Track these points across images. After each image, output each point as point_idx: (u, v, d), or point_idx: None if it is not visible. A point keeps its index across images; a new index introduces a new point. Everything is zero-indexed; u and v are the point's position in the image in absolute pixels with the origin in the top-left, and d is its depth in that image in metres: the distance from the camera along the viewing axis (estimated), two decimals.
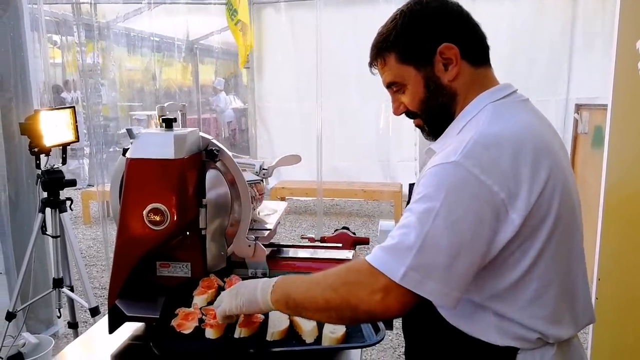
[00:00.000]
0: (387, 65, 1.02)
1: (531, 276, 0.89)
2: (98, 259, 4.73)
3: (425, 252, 0.84)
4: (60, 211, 2.21)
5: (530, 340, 0.92)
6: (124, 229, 1.23)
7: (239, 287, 1.04)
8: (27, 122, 2.03)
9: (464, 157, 0.85)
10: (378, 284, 0.85)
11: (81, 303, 2.29)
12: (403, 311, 0.89)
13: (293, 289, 0.96)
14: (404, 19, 0.99)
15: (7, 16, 2.72)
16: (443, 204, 0.84)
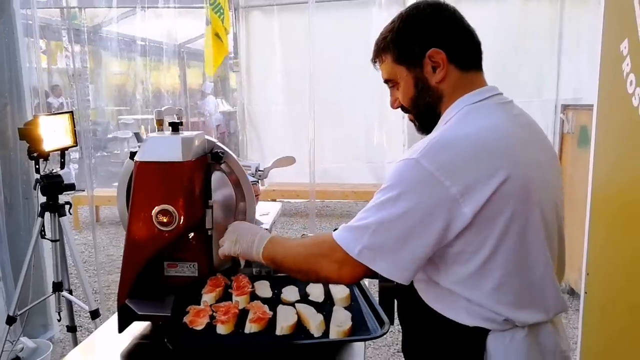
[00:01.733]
0: (384, 64, 1.13)
1: (489, 267, 0.99)
2: (90, 264, 4.72)
3: (379, 234, 0.98)
4: (59, 215, 2.23)
5: (498, 322, 1.01)
6: (133, 230, 1.26)
7: (239, 234, 1.23)
8: (26, 127, 2.05)
9: (422, 155, 0.96)
10: (336, 256, 1.02)
11: (81, 306, 2.30)
12: (354, 280, 1.08)
13: (278, 251, 1.15)
14: (400, 23, 1.10)
15: (1, 22, 2.73)
16: (400, 195, 0.97)
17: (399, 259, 0.97)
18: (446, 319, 1.04)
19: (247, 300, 1.21)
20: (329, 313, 1.17)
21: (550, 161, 1.11)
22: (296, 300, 1.23)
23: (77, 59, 7.99)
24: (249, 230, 1.23)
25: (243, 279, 1.30)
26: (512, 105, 1.10)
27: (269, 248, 1.15)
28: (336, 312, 1.17)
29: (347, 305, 1.23)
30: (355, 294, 1.29)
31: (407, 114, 1.17)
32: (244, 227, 1.27)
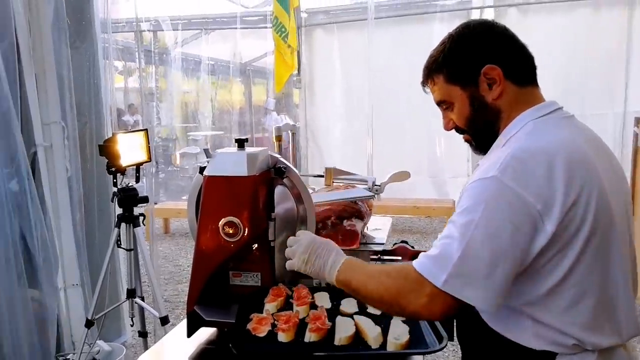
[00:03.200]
0: (437, 85, 1.12)
1: (567, 284, 0.95)
2: (160, 273, 4.94)
3: (465, 260, 0.92)
4: (134, 226, 2.38)
5: (566, 345, 0.96)
6: (201, 241, 1.34)
7: (311, 254, 1.13)
8: (105, 144, 2.22)
9: (501, 172, 0.93)
10: (424, 290, 0.95)
11: (152, 312, 2.43)
12: (445, 315, 0.97)
13: (355, 277, 1.07)
14: (452, 42, 1.10)
15: (84, 47, 2.96)
16: (482, 216, 0.92)
17: (490, 284, 0.92)
18: (509, 342, 1.01)
19: (307, 310, 1.25)
20: (387, 326, 1.19)
21: (619, 175, 1.08)
22: (354, 312, 1.26)
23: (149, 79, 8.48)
24: (321, 248, 1.14)
25: (303, 290, 1.34)
26: (574, 119, 1.08)
27: (344, 274, 1.08)
28: (394, 325, 1.18)
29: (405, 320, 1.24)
30: None
31: (462, 135, 1.16)
32: (316, 242, 1.16)
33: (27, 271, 2.55)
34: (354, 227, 1.69)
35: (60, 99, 2.82)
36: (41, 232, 2.61)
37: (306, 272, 1.15)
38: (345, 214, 1.70)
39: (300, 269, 1.15)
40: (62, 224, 2.90)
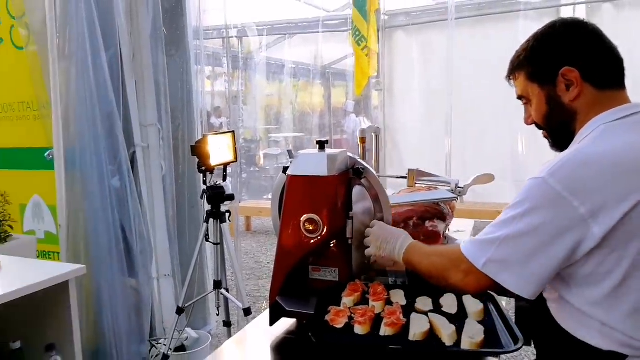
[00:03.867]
0: (518, 81, 1.18)
1: (627, 288, 0.95)
2: (242, 269, 5.17)
3: (505, 248, 1.03)
4: (221, 222, 2.54)
5: (635, 347, 0.96)
6: (283, 237, 1.42)
7: (382, 241, 1.35)
8: (197, 145, 2.39)
9: (550, 174, 0.98)
10: (461, 267, 1.12)
11: (236, 303, 2.57)
12: (478, 290, 1.14)
13: (415, 256, 1.28)
14: (535, 41, 1.13)
15: (179, 55, 3.19)
16: (527, 213, 1.00)
17: (524, 273, 1.01)
18: (579, 341, 1.02)
19: (382, 305, 1.29)
20: (462, 325, 1.20)
21: None
22: (429, 310, 1.29)
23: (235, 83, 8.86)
24: (391, 234, 1.35)
25: (379, 287, 1.38)
26: None
27: (409, 252, 1.28)
28: (469, 325, 1.20)
29: (481, 320, 1.25)
30: (490, 309, 1.30)
31: (541, 131, 1.19)
32: (386, 231, 1.38)
33: (126, 261, 2.80)
34: (436, 228, 1.72)
35: (157, 103, 3.06)
36: (139, 226, 2.84)
37: (380, 256, 1.36)
38: (427, 215, 1.73)
39: (376, 254, 1.36)
40: (157, 219, 3.14)
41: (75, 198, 2.66)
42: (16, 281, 1.65)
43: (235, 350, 1.53)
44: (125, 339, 2.75)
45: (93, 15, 2.55)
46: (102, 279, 2.68)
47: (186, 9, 3.25)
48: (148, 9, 2.92)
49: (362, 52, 6.21)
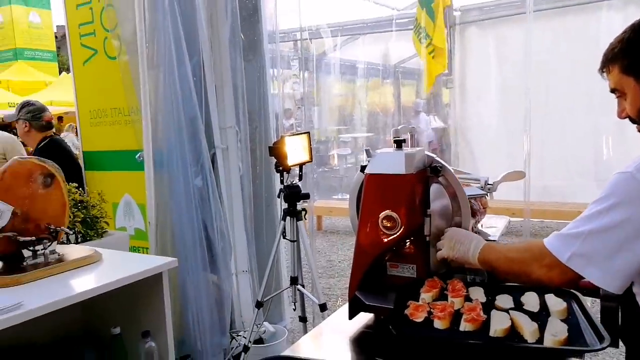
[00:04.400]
0: (612, 74, 1.16)
1: None
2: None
3: (590, 242, 1.04)
4: (297, 220, 2.63)
5: None
6: (362, 233, 1.47)
7: (455, 241, 1.37)
8: (274, 146, 2.49)
9: (638, 169, 0.99)
10: (544, 261, 1.14)
11: (312, 299, 2.65)
12: (563, 284, 1.16)
13: (492, 256, 1.29)
14: (631, 33, 1.10)
15: (256, 60, 3.32)
16: (613, 207, 1.01)
17: (610, 267, 1.01)
18: None
19: (462, 302, 1.31)
20: (544, 323, 1.19)
21: None
22: (510, 308, 1.29)
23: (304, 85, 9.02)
24: (465, 236, 1.37)
25: (458, 283, 1.40)
26: None
27: (484, 252, 1.29)
28: (551, 323, 1.19)
29: (564, 318, 1.23)
30: (574, 308, 1.28)
31: (635, 125, 1.17)
32: (460, 233, 1.40)
33: (208, 258, 2.95)
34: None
35: (235, 106, 3.21)
36: (220, 224, 2.99)
37: (453, 258, 1.37)
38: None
39: (449, 255, 1.37)
40: (235, 217, 3.29)
41: (162, 197, 2.84)
42: (116, 272, 1.81)
43: (314, 342, 1.59)
44: (208, 331, 2.90)
45: (178, 26, 2.72)
46: (187, 274, 2.84)
47: (261, 15, 3.38)
48: (227, 17, 3.07)
49: (426, 49, 6.15)
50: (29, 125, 3.25)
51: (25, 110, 3.27)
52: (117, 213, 3.32)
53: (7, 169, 1.74)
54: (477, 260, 1.29)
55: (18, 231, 1.75)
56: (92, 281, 1.74)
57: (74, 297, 1.59)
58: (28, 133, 3.26)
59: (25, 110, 3.27)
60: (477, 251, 1.30)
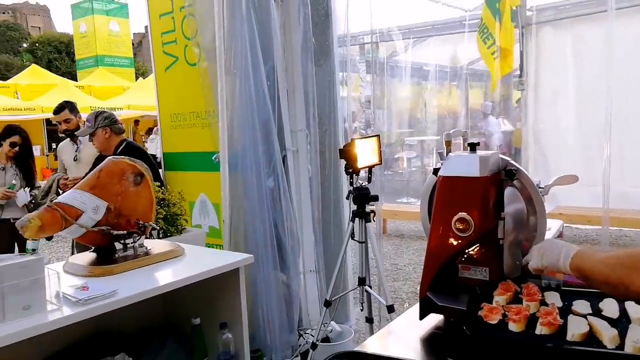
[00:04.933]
0: None
1: None
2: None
3: None
4: (365, 221, 2.67)
5: None
6: (434, 235, 1.49)
7: (545, 250, 1.29)
8: (345, 149, 2.54)
9: None
10: None
11: (380, 300, 2.68)
12: None
13: (586, 261, 1.18)
14: None
15: (327, 64, 3.40)
16: None
17: None
18: None
19: (537, 306, 1.30)
20: (624, 330, 1.17)
21: None
22: (588, 313, 1.27)
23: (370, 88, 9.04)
24: (555, 244, 1.30)
25: (533, 288, 1.39)
26: None
27: (577, 259, 1.20)
28: (633, 330, 1.16)
29: None
30: None
31: None
32: (550, 242, 1.35)
33: (278, 257, 3.05)
34: None
35: (306, 110, 3.29)
36: (290, 224, 3.09)
37: (543, 267, 1.28)
38: None
39: (539, 264, 1.29)
40: (304, 217, 3.38)
41: (236, 197, 2.97)
42: (197, 266, 1.93)
43: (384, 341, 1.62)
44: (277, 327, 3.00)
45: (254, 33, 2.84)
46: (258, 272, 2.95)
47: (332, 19, 3.45)
48: (299, 23, 3.16)
49: (488, 50, 6.02)
50: (109, 131, 3.46)
51: (101, 119, 3.48)
52: (193, 211, 3.50)
53: (103, 168, 1.91)
54: (570, 268, 1.20)
55: (111, 225, 1.90)
56: (176, 273, 1.87)
57: (161, 287, 1.72)
58: (109, 139, 3.47)
59: (101, 118, 3.48)
60: (569, 259, 1.21)
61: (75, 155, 3.92)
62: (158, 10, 3.45)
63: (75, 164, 3.91)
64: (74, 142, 3.94)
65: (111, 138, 3.47)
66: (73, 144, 3.96)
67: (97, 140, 3.46)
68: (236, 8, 2.78)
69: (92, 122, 3.46)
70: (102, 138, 3.45)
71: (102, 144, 3.47)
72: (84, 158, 3.89)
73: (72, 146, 3.96)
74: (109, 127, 3.46)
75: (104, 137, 3.45)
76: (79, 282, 1.70)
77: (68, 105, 3.98)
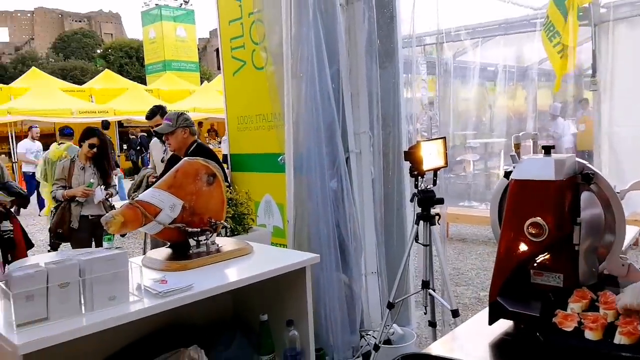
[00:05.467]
0: None
1: None
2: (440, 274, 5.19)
3: None
4: (430, 224, 2.65)
5: None
6: (505, 239, 1.47)
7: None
8: (410, 151, 2.54)
9: None
10: None
11: (444, 304, 2.66)
12: None
13: None
14: None
15: (391, 66, 3.40)
16: None
17: None
18: None
19: (615, 314, 1.26)
20: None
21: None
22: None
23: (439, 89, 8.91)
24: None
25: (610, 296, 1.34)
26: None
27: None
28: None
29: None
30: None
31: None
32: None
33: (340, 258, 3.08)
34: None
35: (369, 112, 3.31)
36: (352, 225, 3.11)
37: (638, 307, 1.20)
38: None
39: (632, 303, 1.21)
40: (366, 219, 3.39)
41: (300, 198, 3.03)
42: (266, 264, 1.99)
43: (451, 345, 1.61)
44: (339, 327, 3.03)
45: (320, 37, 2.89)
46: (320, 272, 3.00)
47: (397, 21, 3.45)
48: (364, 26, 3.19)
49: (554, 48, 5.78)
50: (187, 131, 3.63)
51: (182, 119, 3.65)
52: (258, 211, 3.60)
53: (179, 168, 2.01)
54: None
55: (186, 223, 2.00)
56: (246, 270, 1.93)
57: (233, 283, 1.79)
58: (185, 139, 3.63)
59: (182, 119, 3.66)
60: None
61: (163, 157, 4.28)
62: (227, 16, 3.58)
63: (162, 164, 4.24)
64: (163, 144, 4.24)
65: (187, 138, 3.63)
66: (162, 145, 4.29)
67: (175, 139, 3.62)
68: (303, 13, 2.84)
69: (174, 122, 3.62)
70: (180, 137, 3.61)
71: (178, 143, 3.63)
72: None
73: (161, 147, 4.35)
74: (188, 128, 3.63)
75: (182, 136, 3.61)
76: (157, 276, 1.80)
77: (159, 111, 4.43)
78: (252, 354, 2.14)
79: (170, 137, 3.62)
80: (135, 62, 43.14)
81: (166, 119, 3.66)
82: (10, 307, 1.37)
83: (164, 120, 3.68)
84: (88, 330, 1.43)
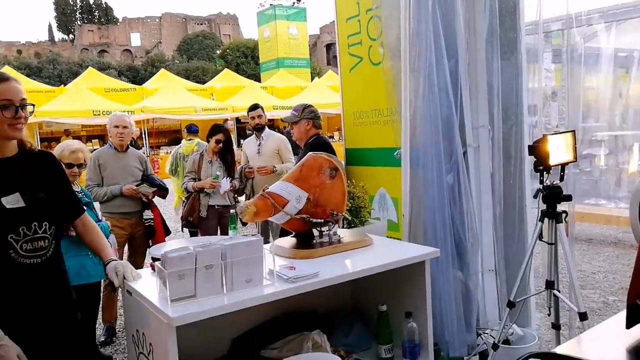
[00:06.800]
0: None
1: None
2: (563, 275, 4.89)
3: None
4: (556, 222, 2.52)
5: None
6: None
7: None
8: (535, 145, 2.44)
9: None
10: None
11: (571, 306, 2.52)
12: None
13: None
14: None
15: (514, 57, 3.27)
16: None
17: None
18: None
19: None
20: None
21: None
22: None
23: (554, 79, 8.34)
24: None
25: None
26: None
27: None
28: None
29: None
30: None
31: None
32: None
33: (456, 254, 3.03)
34: None
35: (489, 105, 3.21)
36: (469, 221, 3.05)
37: None
38: None
39: None
40: (483, 216, 3.30)
41: (416, 192, 3.03)
42: (386, 255, 2.04)
43: (582, 347, 1.54)
44: (455, 324, 2.99)
45: (439, 30, 2.86)
46: (435, 267, 2.97)
47: (520, 9, 3.30)
48: (485, 16, 3.09)
49: None
50: (311, 123, 3.79)
51: (308, 111, 3.82)
52: (372, 205, 3.65)
53: (305, 163, 2.12)
54: None
55: (310, 214, 2.11)
56: (367, 261, 2.00)
57: (356, 272, 1.87)
58: (308, 131, 3.80)
59: (308, 111, 3.83)
60: None
61: (258, 149, 4.85)
62: (345, 14, 3.66)
63: (257, 156, 4.84)
64: (258, 138, 4.92)
65: (310, 130, 3.81)
66: (256, 139, 4.94)
67: (298, 129, 3.82)
68: (422, 7, 2.83)
69: (299, 112, 3.83)
70: (303, 128, 3.80)
71: (300, 134, 3.82)
72: (265, 151, 4.83)
73: (255, 141, 4.95)
74: (312, 120, 3.81)
75: (305, 127, 3.80)
76: (285, 263, 1.93)
77: (260, 105, 5.14)
78: (371, 342, 2.21)
79: (294, 126, 3.83)
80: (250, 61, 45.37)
81: (294, 109, 3.88)
82: (164, 284, 1.56)
83: (292, 110, 3.91)
84: (229, 308, 1.58)
